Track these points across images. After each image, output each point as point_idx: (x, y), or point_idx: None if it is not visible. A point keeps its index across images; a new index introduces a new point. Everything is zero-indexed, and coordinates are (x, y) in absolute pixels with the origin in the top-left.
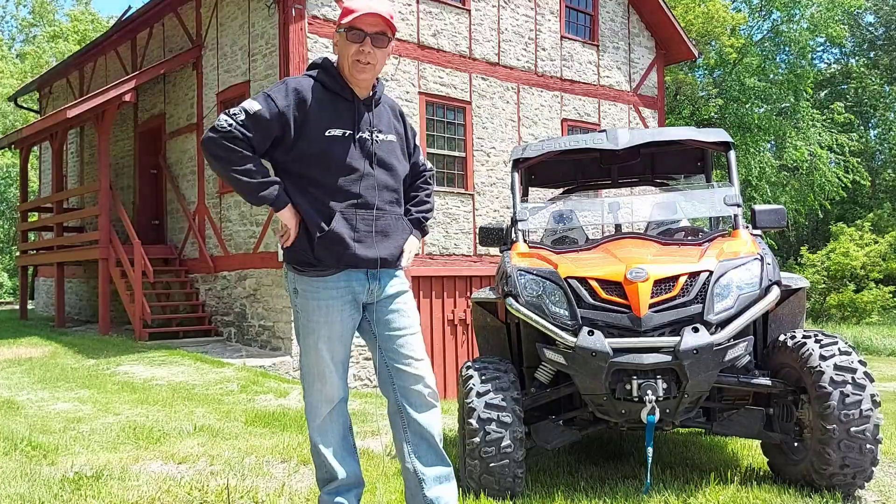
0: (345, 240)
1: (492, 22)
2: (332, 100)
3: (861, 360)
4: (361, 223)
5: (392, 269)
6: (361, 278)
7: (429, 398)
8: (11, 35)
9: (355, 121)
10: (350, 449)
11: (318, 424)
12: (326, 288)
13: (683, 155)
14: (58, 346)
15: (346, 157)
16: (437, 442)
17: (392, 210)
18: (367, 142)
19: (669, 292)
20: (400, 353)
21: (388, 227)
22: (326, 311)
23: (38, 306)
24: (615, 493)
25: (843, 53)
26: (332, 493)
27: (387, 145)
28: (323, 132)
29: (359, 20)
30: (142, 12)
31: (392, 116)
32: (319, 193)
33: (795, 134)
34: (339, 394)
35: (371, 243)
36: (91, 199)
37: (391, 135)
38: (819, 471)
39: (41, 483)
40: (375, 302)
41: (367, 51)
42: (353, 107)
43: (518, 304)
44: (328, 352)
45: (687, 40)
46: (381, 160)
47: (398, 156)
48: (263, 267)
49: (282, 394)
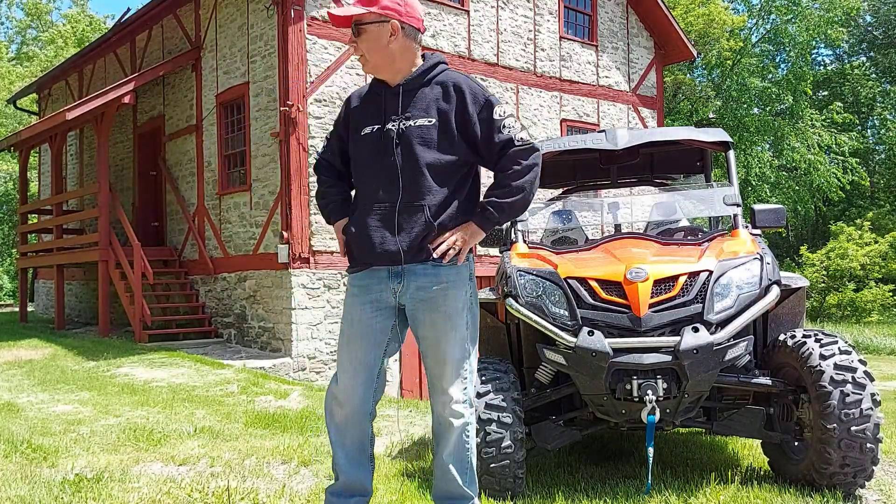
0: (360, 235)
1: (490, 23)
2: (371, 98)
3: (861, 359)
4: (379, 219)
5: (420, 264)
6: (382, 277)
7: (447, 416)
8: (9, 37)
9: (383, 113)
10: (366, 458)
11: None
12: (352, 285)
13: (683, 155)
14: (58, 348)
15: (371, 153)
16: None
17: (415, 202)
18: (392, 132)
19: (669, 292)
20: (427, 364)
21: (407, 221)
22: (349, 310)
23: (37, 308)
24: (615, 493)
25: (842, 53)
26: (335, 493)
27: (418, 131)
28: (360, 132)
29: (335, 20)
30: (141, 14)
31: (440, 96)
32: (357, 194)
33: (794, 135)
34: (352, 398)
35: (388, 238)
36: (90, 201)
37: (427, 118)
38: (820, 470)
39: (41, 485)
40: (406, 302)
41: (355, 47)
42: (382, 100)
43: (518, 305)
44: (347, 351)
45: (686, 40)
46: (405, 150)
47: (433, 139)
48: (263, 268)
49: (282, 395)
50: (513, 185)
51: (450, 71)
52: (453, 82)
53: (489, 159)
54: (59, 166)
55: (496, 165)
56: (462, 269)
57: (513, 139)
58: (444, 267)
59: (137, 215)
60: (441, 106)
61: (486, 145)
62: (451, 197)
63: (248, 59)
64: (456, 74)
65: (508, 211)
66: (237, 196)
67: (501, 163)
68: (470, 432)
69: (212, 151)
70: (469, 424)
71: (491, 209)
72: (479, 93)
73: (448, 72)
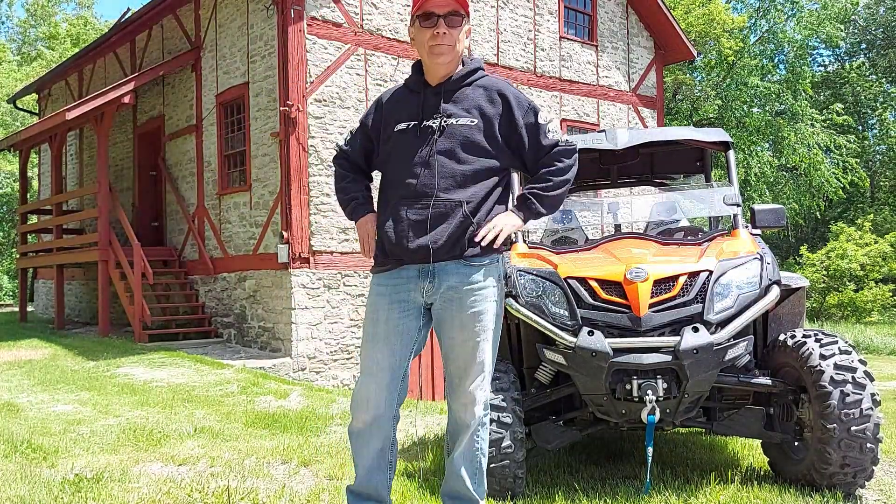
0: (391, 232)
1: (490, 22)
2: (406, 96)
3: (861, 359)
4: (414, 215)
5: (452, 264)
6: (413, 276)
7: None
8: (10, 38)
9: (421, 110)
10: (384, 465)
11: (354, 428)
12: (378, 284)
13: (683, 155)
14: (58, 349)
15: (407, 148)
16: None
17: (451, 198)
18: (432, 129)
19: (669, 292)
20: (449, 364)
21: (442, 217)
22: (374, 310)
23: (37, 308)
24: (615, 493)
25: (842, 53)
26: (352, 494)
27: (457, 130)
28: (393, 129)
29: (428, 3)
30: (140, 14)
31: (483, 98)
32: (386, 190)
33: (794, 136)
34: (378, 404)
35: (421, 235)
36: (90, 201)
37: (470, 118)
38: (820, 470)
39: (41, 485)
40: (435, 301)
41: (442, 32)
42: (420, 97)
43: (518, 305)
44: (370, 353)
45: (686, 40)
46: (445, 147)
47: (475, 140)
48: (263, 268)
49: (282, 395)
50: (554, 180)
51: (490, 76)
52: (497, 88)
53: (533, 163)
54: (59, 166)
55: (540, 167)
56: (492, 269)
57: (558, 142)
58: (476, 267)
59: (137, 215)
60: (485, 108)
61: (533, 150)
62: (486, 198)
63: (248, 59)
64: (497, 80)
65: (548, 204)
66: (237, 196)
67: (544, 160)
68: (482, 435)
69: (212, 151)
70: (483, 427)
71: (533, 199)
72: (524, 99)
73: (488, 77)
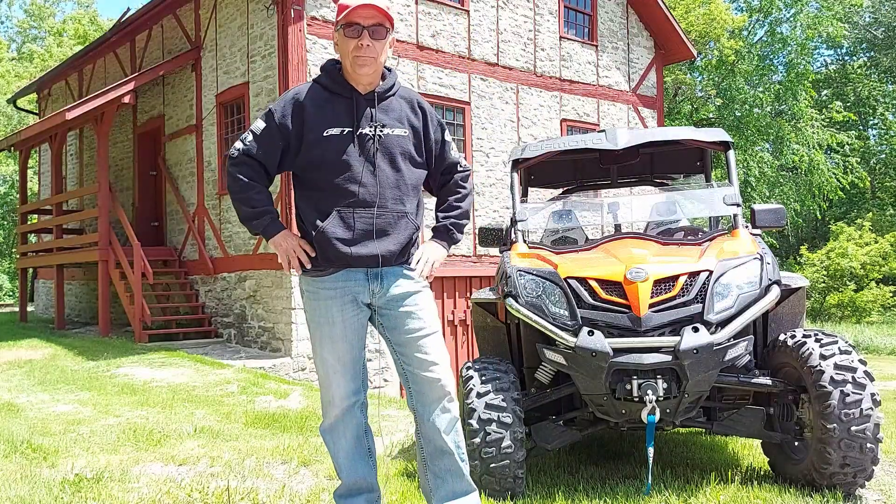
0: (338, 238)
1: (491, 22)
2: (331, 99)
3: (861, 359)
4: (359, 222)
5: (398, 267)
6: (361, 278)
7: (446, 403)
8: (10, 37)
9: (355, 117)
10: (364, 453)
11: (327, 424)
12: (325, 288)
13: (683, 155)
14: (58, 348)
15: (344, 155)
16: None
17: (395, 208)
18: (368, 137)
19: (669, 292)
20: (413, 356)
21: (388, 226)
22: (326, 311)
23: (37, 308)
24: (615, 493)
25: (843, 53)
26: (342, 496)
27: (393, 140)
28: (322, 133)
29: (354, 13)
30: (141, 14)
31: (408, 110)
32: (320, 195)
33: (795, 136)
34: (347, 395)
35: (368, 242)
36: (90, 200)
37: (401, 129)
38: (820, 470)
39: (41, 485)
40: (384, 304)
41: (366, 44)
42: (353, 103)
43: (518, 305)
44: (331, 352)
45: (686, 40)
46: (384, 156)
47: (409, 151)
48: (263, 268)
49: (282, 395)
50: (463, 209)
51: (403, 87)
52: (416, 99)
53: (435, 178)
54: (58, 166)
55: (440, 185)
56: None
57: (459, 162)
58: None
59: (137, 215)
60: (412, 120)
61: (438, 165)
62: (418, 206)
63: (248, 59)
64: (412, 91)
65: (461, 231)
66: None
67: (448, 186)
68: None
69: (212, 151)
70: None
71: (453, 229)
72: (434, 113)
73: (404, 87)
